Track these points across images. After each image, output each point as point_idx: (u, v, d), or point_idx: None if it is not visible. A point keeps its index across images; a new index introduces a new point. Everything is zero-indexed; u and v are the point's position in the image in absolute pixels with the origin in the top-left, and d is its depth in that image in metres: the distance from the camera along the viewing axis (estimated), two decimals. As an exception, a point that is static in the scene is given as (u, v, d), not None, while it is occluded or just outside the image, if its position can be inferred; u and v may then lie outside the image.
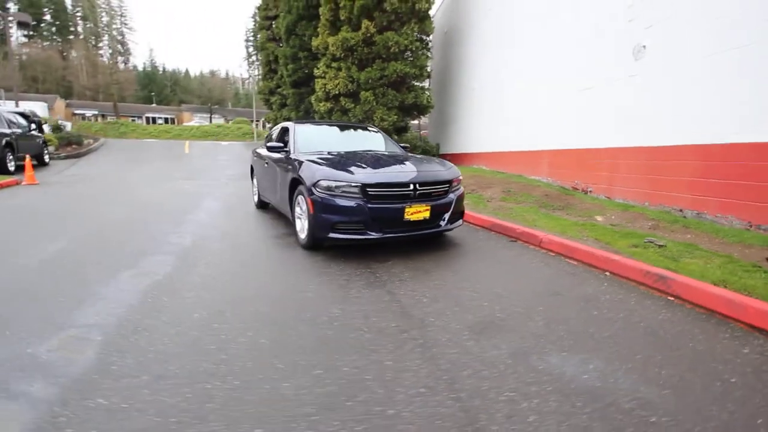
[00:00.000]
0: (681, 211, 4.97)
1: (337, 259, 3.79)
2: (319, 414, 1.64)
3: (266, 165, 5.64)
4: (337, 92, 12.02)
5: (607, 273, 3.41)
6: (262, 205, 6.54)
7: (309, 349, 2.15)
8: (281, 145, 4.98)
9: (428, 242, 4.40)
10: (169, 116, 45.97)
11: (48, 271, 3.35)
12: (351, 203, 3.67)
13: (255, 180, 6.68)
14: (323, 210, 3.74)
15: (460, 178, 4.37)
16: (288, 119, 17.31)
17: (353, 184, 3.69)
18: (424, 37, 12.10)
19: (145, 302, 2.76)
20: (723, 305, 2.58)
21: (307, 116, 15.42)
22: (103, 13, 41.15)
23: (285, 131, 5.53)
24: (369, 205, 3.67)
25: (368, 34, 11.59)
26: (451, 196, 4.14)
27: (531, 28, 8.19)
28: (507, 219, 5.22)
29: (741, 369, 1.98)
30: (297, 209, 4.34)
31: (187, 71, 63.85)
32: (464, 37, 12.02)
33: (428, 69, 12.37)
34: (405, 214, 3.77)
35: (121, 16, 42.98)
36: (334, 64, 12.27)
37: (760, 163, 4.06)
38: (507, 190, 7.26)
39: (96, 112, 42.74)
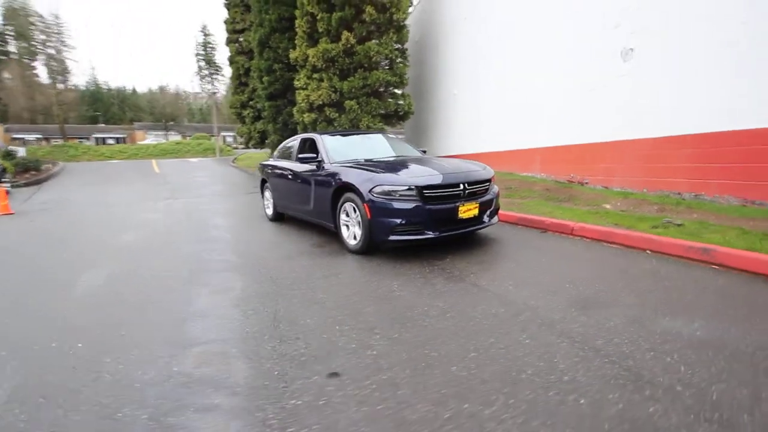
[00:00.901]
0: (680, 194, 5.55)
1: (394, 261, 3.94)
2: (507, 387, 1.81)
3: (289, 177, 5.67)
4: (320, 102, 12.09)
5: (648, 251, 3.81)
6: (277, 217, 6.53)
7: (446, 338, 2.30)
8: (312, 155, 5.05)
9: (467, 240, 4.64)
10: (120, 136, 43.57)
11: (126, 298, 3.26)
12: (410, 206, 3.84)
13: (267, 193, 6.67)
14: (383, 214, 3.89)
15: (494, 176, 4.67)
16: (263, 132, 17.08)
17: (411, 188, 3.87)
18: (402, 47, 12.49)
19: (248, 314, 2.79)
20: (766, 267, 3.01)
21: (285, 128, 15.32)
22: (38, 31, 38.47)
23: (310, 142, 5.62)
24: (427, 207, 3.87)
25: (349, 45, 11.80)
26: (492, 193, 4.43)
27: (514, 35, 8.75)
28: (529, 213, 5.58)
29: None
30: (342, 217, 4.45)
31: (134, 88, 60.92)
32: (440, 46, 12.51)
33: (406, 77, 12.75)
34: (459, 212, 4.00)
35: (58, 33, 40.37)
36: (315, 75, 12.35)
37: (752, 147, 4.66)
38: (508, 187, 7.68)
39: (39, 136, 39.72)
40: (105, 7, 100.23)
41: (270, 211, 6.69)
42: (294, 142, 6.15)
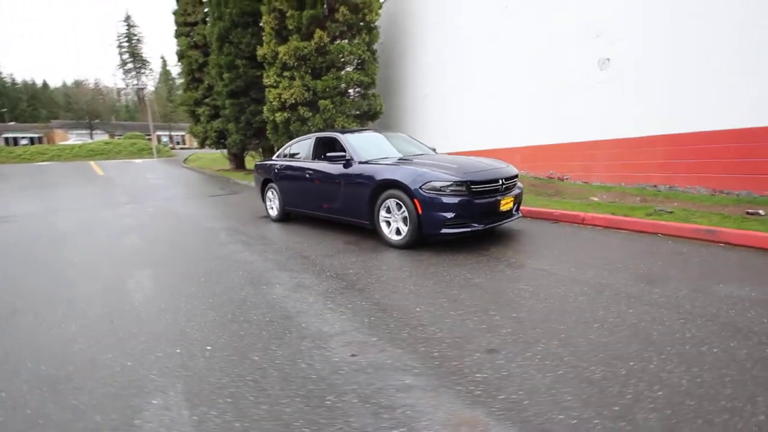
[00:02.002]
0: (655, 186, 6.40)
1: (442, 253, 4.17)
2: (650, 347, 2.14)
3: (307, 176, 5.66)
4: (293, 101, 11.91)
5: (659, 235, 4.43)
6: (283, 217, 6.45)
7: (559, 315, 2.59)
8: (341, 154, 5.11)
9: (494, 232, 4.99)
10: (35, 135, 38.60)
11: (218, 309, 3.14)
12: (459, 200, 4.09)
13: (273, 193, 6.55)
14: (434, 209, 4.10)
15: (517, 173, 5.09)
16: (222, 132, 16.30)
17: (460, 183, 4.13)
18: (372, 47, 12.67)
19: (347, 308, 2.86)
20: (761, 242, 3.69)
21: (248, 128, 14.79)
22: None
23: (328, 141, 5.67)
24: (475, 201, 4.15)
25: (322, 44, 11.76)
26: (519, 188, 4.83)
27: (492, 41, 9.34)
28: (533, 206, 6.09)
29: None
30: (382, 213, 4.58)
31: (45, 83, 54.21)
32: (409, 49, 12.88)
33: (376, 77, 12.97)
34: (500, 205, 4.34)
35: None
36: (286, 73, 12.12)
37: (712, 145, 5.55)
38: (495, 184, 8.23)
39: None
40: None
41: (275, 212, 6.59)
42: (306, 141, 6.12)
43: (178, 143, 49.50)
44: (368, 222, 4.83)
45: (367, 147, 5.34)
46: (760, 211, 4.65)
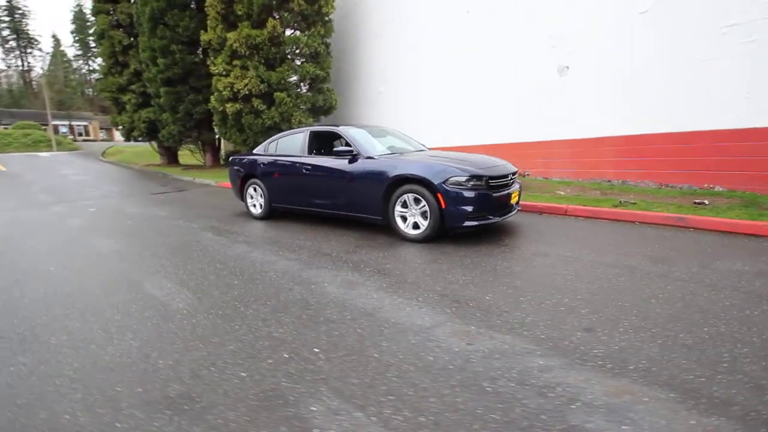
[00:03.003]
0: (609, 181, 7.26)
1: (461, 246, 4.37)
2: (710, 313, 2.52)
3: (304, 171, 5.48)
4: (247, 92, 11.27)
5: (636, 223, 5.09)
6: (268, 214, 6.16)
7: (612, 294, 2.91)
8: (347, 149, 5.04)
9: (491, 226, 5.31)
10: None
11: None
12: (480, 194, 4.31)
13: (256, 189, 6.22)
14: (457, 203, 4.26)
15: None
16: (153, 122, 14.80)
17: (480, 177, 4.34)
18: (327, 41, 12.45)
19: (423, 302, 2.91)
20: (725, 226, 4.46)
21: (188, 119, 13.64)
22: None
23: (329, 136, 5.58)
24: (493, 194, 4.40)
25: (275, 34, 11.29)
26: (519, 182, 5.19)
27: (455, 44, 9.76)
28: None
29: (759, 247, 3.74)
30: (398, 208, 4.64)
31: None
32: (363, 43, 12.87)
33: (331, 71, 12.78)
34: (511, 198, 4.64)
35: None
36: (237, 62, 11.44)
37: (663, 146, 6.49)
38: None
39: None
40: None
41: (258, 210, 6.27)
42: (297, 136, 5.91)
43: (80, 134, 43.52)
44: (380, 217, 4.85)
45: (370, 142, 5.33)
46: (705, 201, 5.57)
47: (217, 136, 14.68)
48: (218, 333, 2.47)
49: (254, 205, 6.38)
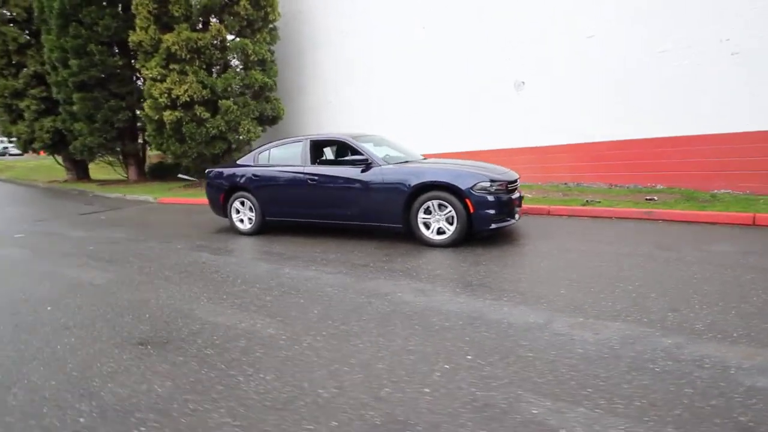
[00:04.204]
0: (566, 183, 8.16)
1: (488, 249, 4.61)
2: (748, 287, 3.04)
3: (310, 182, 5.26)
4: (187, 99, 10.34)
5: (613, 218, 5.82)
6: (260, 229, 5.78)
7: (657, 278, 3.34)
8: (361, 158, 4.98)
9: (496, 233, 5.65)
10: None
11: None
12: (503, 198, 4.59)
13: (245, 203, 5.79)
14: (485, 207, 4.48)
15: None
16: (61, 132, 12.73)
17: (501, 182, 4.62)
18: (272, 48, 12.02)
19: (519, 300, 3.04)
20: (689, 217, 5.34)
21: (109, 128, 12.03)
22: None
23: (331, 145, 5.44)
24: (512, 197, 4.71)
25: (220, 38, 10.60)
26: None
27: (410, 54, 10.13)
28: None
29: (721, 232, 4.60)
30: (421, 215, 4.71)
31: None
32: (309, 52, 12.65)
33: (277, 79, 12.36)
34: (522, 201, 5.01)
35: None
36: (174, 66, 10.44)
37: (610, 152, 7.52)
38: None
39: None
40: None
41: (246, 225, 5.86)
42: (293, 145, 5.68)
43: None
44: (400, 225, 4.86)
45: (379, 150, 5.32)
46: (655, 197, 6.59)
47: (144, 147, 13.18)
48: (356, 354, 2.30)
49: (241, 220, 5.92)
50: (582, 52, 7.64)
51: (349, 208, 5.11)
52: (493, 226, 4.55)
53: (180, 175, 12.49)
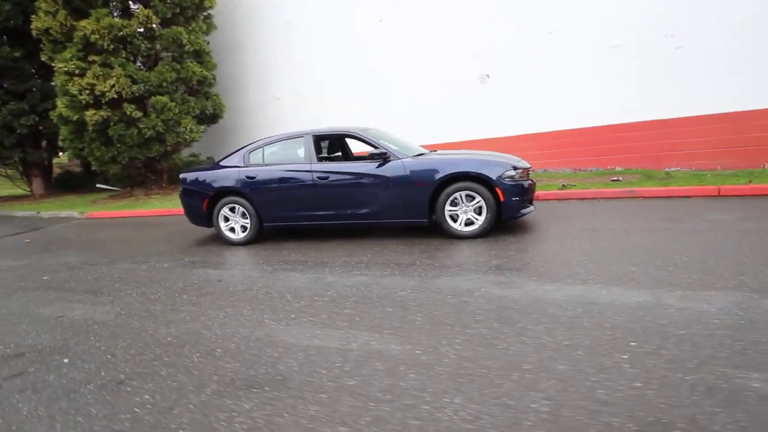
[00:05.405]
0: (534, 170, 8.59)
1: (517, 235, 4.65)
2: (777, 249, 3.41)
3: (319, 180, 4.81)
4: (114, 96, 8.90)
5: (597, 199, 6.25)
6: (255, 238, 5.18)
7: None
8: (381, 152, 4.66)
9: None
10: None
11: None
12: (525, 185, 4.63)
13: (237, 210, 5.13)
14: (513, 195, 4.47)
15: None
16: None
17: (525, 170, 4.67)
18: (207, 39, 10.88)
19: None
20: (664, 193, 5.94)
21: (7, 132, 9.90)
22: None
23: (337, 139, 5.00)
24: (532, 184, 4.78)
25: (149, 26, 9.29)
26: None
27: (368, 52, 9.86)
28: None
29: (701, 204, 5.21)
30: (447, 207, 4.56)
31: None
32: (250, 47, 11.72)
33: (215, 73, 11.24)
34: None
35: None
36: (95, 58, 8.90)
37: (571, 139, 8.10)
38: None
39: None
40: None
41: (239, 234, 5.22)
42: (292, 141, 5.15)
43: None
44: (425, 219, 4.67)
45: (390, 143, 5.04)
46: (620, 178, 7.24)
47: (51, 156, 11.08)
48: (519, 359, 2.07)
49: (232, 229, 5.23)
50: (543, 46, 8.10)
51: (367, 206, 4.77)
52: (522, 212, 4.59)
53: (100, 185, 10.92)
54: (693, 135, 7.11)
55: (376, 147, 4.77)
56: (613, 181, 7.14)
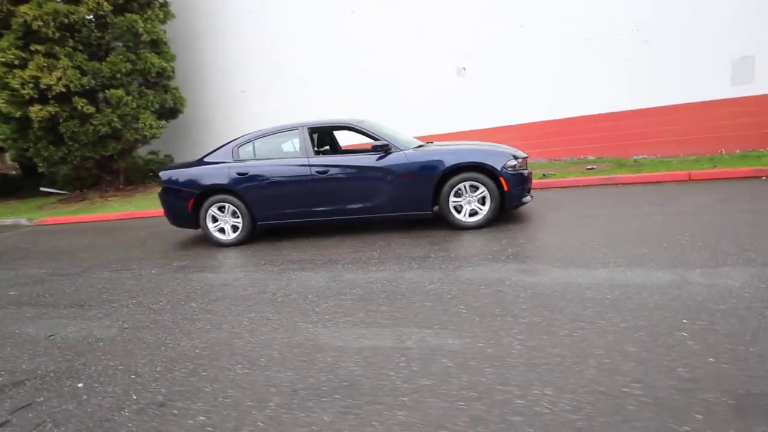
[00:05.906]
0: (510, 161, 8.81)
1: (521, 225, 4.72)
2: None
3: (319, 175, 4.61)
4: (62, 89, 8.06)
5: (580, 186, 6.49)
6: (248, 238, 4.90)
7: (729, 230, 3.84)
8: (383, 144, 4.53)
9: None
10: None
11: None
12: (524, 174, 4.69)
13: (223, 209, 4.82)
14: (516, 184, 4.52)
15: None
16: None
17: (524, 159, 4.72)
18: (164, 28, 10.13)
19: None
20: (639, 179, 6.27)
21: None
22: None
23: (331, 132, 4.78)
24: (530, 173, 4.86)
25: (100, 12, 8.49)
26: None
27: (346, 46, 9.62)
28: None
29: (674, 188, 5.58)
30: (452, 198, 4.53)
31: None
32: (210, 38, 11.06)
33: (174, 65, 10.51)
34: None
35: None
36: (39, 48, 8.00)
37: (548, 130, 8.38)
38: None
39: None
40: None
41: (230, 235, 4.94)
42: (289, 133, 4.91)
43: None
44: (429, 212, 4.61)
45: (389, 134, 4.92)
46: (594, 167, 7.58)
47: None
48: (589, 346, 2.05)
49: (221, 230, 4.89)
50: (517, 41, 8.29)
51: (369, 200, 4.63)
52: (523, 200, 4.65)
53: (44, 189, 10.02)
54: (658, 125, 7.59)
55: (377, 139, 4.63)
56: (588, 169, 7.46)
